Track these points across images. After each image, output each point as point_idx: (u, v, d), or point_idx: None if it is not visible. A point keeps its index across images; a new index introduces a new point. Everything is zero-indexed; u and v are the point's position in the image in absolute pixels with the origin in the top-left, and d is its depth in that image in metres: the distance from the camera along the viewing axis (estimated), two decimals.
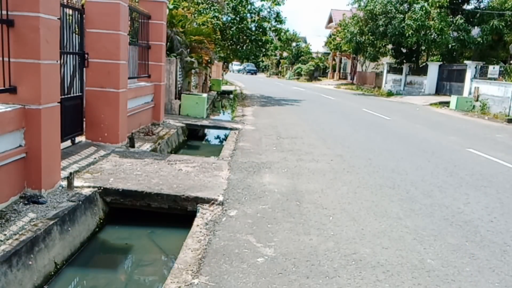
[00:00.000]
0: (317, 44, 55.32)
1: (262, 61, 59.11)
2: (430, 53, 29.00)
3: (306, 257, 3.82)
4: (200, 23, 16.45)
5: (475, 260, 4.00)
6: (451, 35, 24.37)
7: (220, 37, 19.84)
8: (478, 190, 6.35)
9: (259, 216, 4.71)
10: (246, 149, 8.25)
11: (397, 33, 24.81)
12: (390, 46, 29.31)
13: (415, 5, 24.06)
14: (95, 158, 6.29)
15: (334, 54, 46.76)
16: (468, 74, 21.17)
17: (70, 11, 6.53)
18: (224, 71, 35.72)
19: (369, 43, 28.71)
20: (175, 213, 5.07)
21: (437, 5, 23.24)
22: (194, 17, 16.75)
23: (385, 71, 31.97)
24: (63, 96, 5.94)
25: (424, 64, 27.79)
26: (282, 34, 24.46)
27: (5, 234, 3.62)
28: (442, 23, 23.09)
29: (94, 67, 6.91)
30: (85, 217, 4.57)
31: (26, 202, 4.34)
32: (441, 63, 26.12)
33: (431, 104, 21.62)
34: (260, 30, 22.48)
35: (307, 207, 5.11)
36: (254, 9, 22.18)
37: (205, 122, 11.88)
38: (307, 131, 11.07)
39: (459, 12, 24.92)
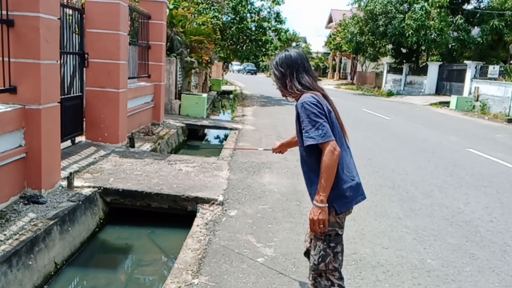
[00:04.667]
0: (317, 44, 55.37)
1: (262, 61, 59.07)
2: (430, 53, 29.00)
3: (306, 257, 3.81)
4: (200, 23, 16.45)
5: (475, 260, 4.00)
6: (451, 35, 24.38)
7: (220, 37, 19.85)
8: (478, 190, 6.35)
9: (259, 216, 4.71)
10: None
11: (397, 33, 24.81)
12: (390, 46, 29.30)
13: (415, 5, 24.06)
14: (95, 158, 6.29)
15: (334, 54, 46.77)
16: (468, 74, 21.18)
17: (70, 11, 6.54)
18: (224, 71, 35.70)
19: (369, 43, 28.71)
20: (175, 213, 5.07)
21: (437, 5, 23.24)
22: (194, 17, 16.75)
23: (385, 71, 31.97)
24: (63, 96, 5.94)
25: (424, 64, 27.79)
26: (282, 34, 24.45)
27: (5, 234, 3.62)
28: (442, 23, 23.09)
29: (94, 67, 6.91)
30: (85, 217, 4.57)
31: (26, 202, 4.34)
32: (441, 63, 26.12)
33: (431, 104, 21.63)
34: (260, 30, 22.48)
35: (307, 207, 5.10)
36: (254, 9, 22.18)
37: (205, 122, 11.88)
38: None
39: (459, 12, 24.92)
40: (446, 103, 20.81)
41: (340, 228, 2.46)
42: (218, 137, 12.22)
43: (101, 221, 4.89)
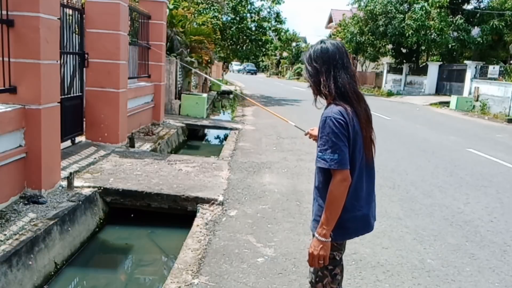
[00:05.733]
0: None
1: (262, 61, 59.08)
2: (430, 53, 29.00)
3: (306, 257, 3.80)
4: (200, 23, 16.46)
5: (475, 260, 4.00)
6: (451, 35, 24.36)
7: (220, 37, 19.86)
8: (478, 190, 6.35)
9: (259, 216, 4.71)
10: (246, 149, 8.25)
11: (397, 33, 24.81)
12: (390, 46, 29.30)
13: (415, 5, 24.06)
14: (95, 158, 6.29)
15: None
16: (468, 74, 21.18)
17: (70, 11, 6.53)
18: (224, 71, 35.71)
19: (369, 43, 28.70)
20: (175, 213, 5.06)
21: (437, 5, 23.23)
22: (194, 17, 16.76)
23: (385, 71, 31.96)
24: (63, 96, 5.94)
25: (424, 64, 27.79)
26: (282, 34, 24.49)
27: (5, 234, 3.62)
28: (442, 23, 23.09)
29: (94, 67, 6.91)
30: (85, 217, 4.57)
31: (26, 202, 4.34)
32: (441, 63, 26.12)
33: (431, 104, 21.62)
34: (260, 30, 22.49)
35: (307, 207, 5.10)
36: (254, 9, 22.20)
37: (205, 122, 11.88)
38: None
39: (459, 12, 24.91)
40: (446, 103, 20.80)
41: (339, 251, 2.28)
42: (218, 137, 12.22)
43: (101, 221, 4.89)
